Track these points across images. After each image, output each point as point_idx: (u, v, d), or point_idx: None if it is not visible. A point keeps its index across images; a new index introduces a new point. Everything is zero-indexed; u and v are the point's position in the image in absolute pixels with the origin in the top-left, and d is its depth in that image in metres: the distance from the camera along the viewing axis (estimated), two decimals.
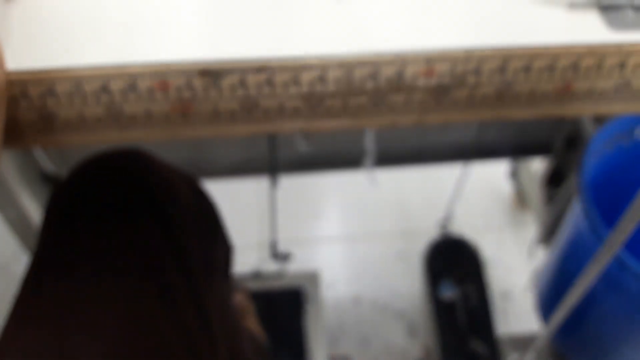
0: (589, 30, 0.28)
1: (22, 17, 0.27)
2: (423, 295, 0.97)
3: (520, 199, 1.17)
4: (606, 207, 0.79)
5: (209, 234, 0.48)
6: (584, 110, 0.30)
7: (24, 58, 0.26)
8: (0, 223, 0.80)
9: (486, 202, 1.23)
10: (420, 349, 0.90)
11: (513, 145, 0.92)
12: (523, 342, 0.90)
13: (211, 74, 0.26)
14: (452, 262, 0.93)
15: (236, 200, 1.16)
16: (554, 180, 0.97)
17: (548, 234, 0.92)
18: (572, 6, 0.29)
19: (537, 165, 1.02)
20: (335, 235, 1.15)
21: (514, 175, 1.13)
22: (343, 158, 0.88)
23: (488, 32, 0.27)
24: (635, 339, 0.69)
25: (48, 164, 0.81)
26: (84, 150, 0.44)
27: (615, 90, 0.29)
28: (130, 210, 0.42)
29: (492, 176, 1.25)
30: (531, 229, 1.15)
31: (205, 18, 0.27)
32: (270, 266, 1.01)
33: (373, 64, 0.27)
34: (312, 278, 0.91)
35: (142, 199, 0.42)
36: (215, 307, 0.46)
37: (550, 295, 0.81)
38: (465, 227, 1.18)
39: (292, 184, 1.20)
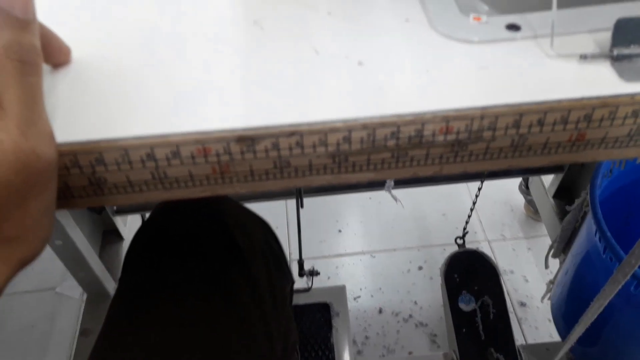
0: (601, 81, 0.28)
1: (68, 88, 0.28)
2: (443, 306, 0.96)
3: (535, 208, 1.15)
4: (619, 223, 0.78)
5: (275, 268, 0.49)
6: (599, 157, 0.30)
7: (73, 130, 0.26)
8: (47, 249, 0.83)
9: (501, 212, 1.21)
10: (443, 359, 0.89)
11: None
12: (542, 352, 0.88)
13: (247, 140, 0.27)
14: (470, 274, 0.92)
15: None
16: (563, 194, 0.95)
17: (562, 248, 0.90)
18: (583, 59, 0.29)
19: (548, 178, 1.00)
20: (358, 250, 1.15)
21: (526, 188, 1.11)
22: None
23: (502, 90, 0.27)
24: None
25: None
26: None
27: (630, 137, 0.29)
28: (210, 247, 0.43)
29: (506, 187, 1.23)
30: (546, 238, 1.13)
31: (240, 90, 0.28)
32: (299, 282, 1.01)
33: (394, 124, 0.27)
34: (339, 293, 0.91)
35: (220, 238, 0.44)
36: (280, 334, 0.47)
37: (565, 308, 0.79)
38: (482, 238, 1.17)
39: (314, 203, 1.21)
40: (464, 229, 0.98)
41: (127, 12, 0.33)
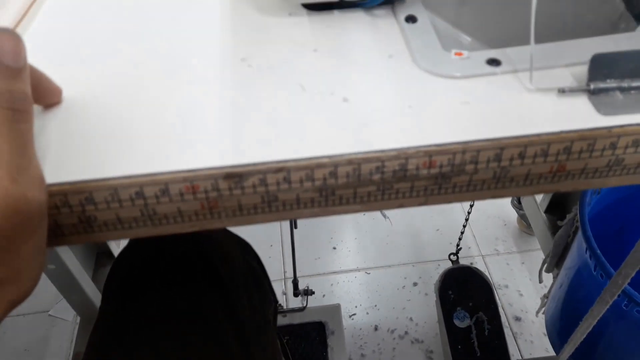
0: (579, 115, 0.29)
1: (59, 129, 0.29)
2: (439, 323, 0.96)
3: (527, 222, 1.16)
4: (610, 237, 0.79)
5: (257, 291, 0.49)
6: (579, 186, 0.31)
7: (64, 170, 0.27)
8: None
9: (494, 227, 1.22)
10: None
11: None
12: None
13: (235, 177, 0.27)
14: (465, 290, 0.92)
15: (254, 239, 1.17)
16: (555, 209, 0.96)
17: (554, 263, 0.91)
18: (561, 93, 0.30)
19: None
20: (353, 267, 1.15)
21: (518, 203, 1.12)
22: None
23: (483, 125, 0.28)
24: None
25: None
26: None
27: (609, 168, 0.30)
28: (188, 274, 0.43)
29: (499, 202, 1.24)
30: (539, 252, 1.13)
31: (228, 127, 0.28)
32: (294, 302, 1.01)
33: (378, 159, 0.28)
34: (334, 312, 0.91)
35: (198, 262, 0.44)
36: (264, 357, 0.47)
37: (559, 323, 0.80)
38: (476, 253, 1.17)
39: (308, 221, 1.21)
40: (458, 244, 0.98)
41: (117, 51, 0.34)
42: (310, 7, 0.37)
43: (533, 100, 0.29)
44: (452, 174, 0.29)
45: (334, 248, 1.19)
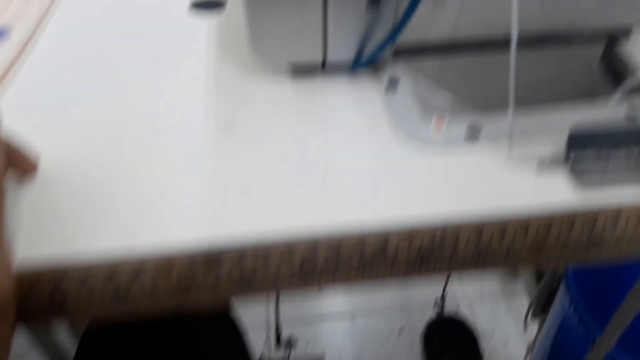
0: (558, 190, 0.29)
1: (33, 200, 0.28)
2: None
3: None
4: (595, 285, 0.78)
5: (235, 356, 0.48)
6: (560, 262, 0.31)
7: (35, 246, 0.26)
8: None
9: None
10: None
11: None
12: None
13: (211, 256, 0.27)
14: (450, 341, 0.91)
15: None
16: None
17: (540, 308, 0.90)
18: (540, 168, 0.30)
19: None
20: (339, 310, 1.13)
21: None
22: None
23: (462, 202, 0.28)
24: None
25: None
26: None
27: (588, 245, 0.30)
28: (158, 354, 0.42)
29: None
30: (524, 297, 1.13)
31: (206, 202, 0.28)
32: (277, 348, 0.99)
33: (359, 241, 0.27)
34: None
35: (169, 344, 0.42)
36: None
37: None
38: (461, 298, 1.16)
39: None
40: (444, 289, 0.97)
41: (97, 115, 0.33)
42: (294, 72, 0.37)
43: (512, 175, 0.30)
44: (432, 254, 0.28)
45: (320, 289, 1.17)
